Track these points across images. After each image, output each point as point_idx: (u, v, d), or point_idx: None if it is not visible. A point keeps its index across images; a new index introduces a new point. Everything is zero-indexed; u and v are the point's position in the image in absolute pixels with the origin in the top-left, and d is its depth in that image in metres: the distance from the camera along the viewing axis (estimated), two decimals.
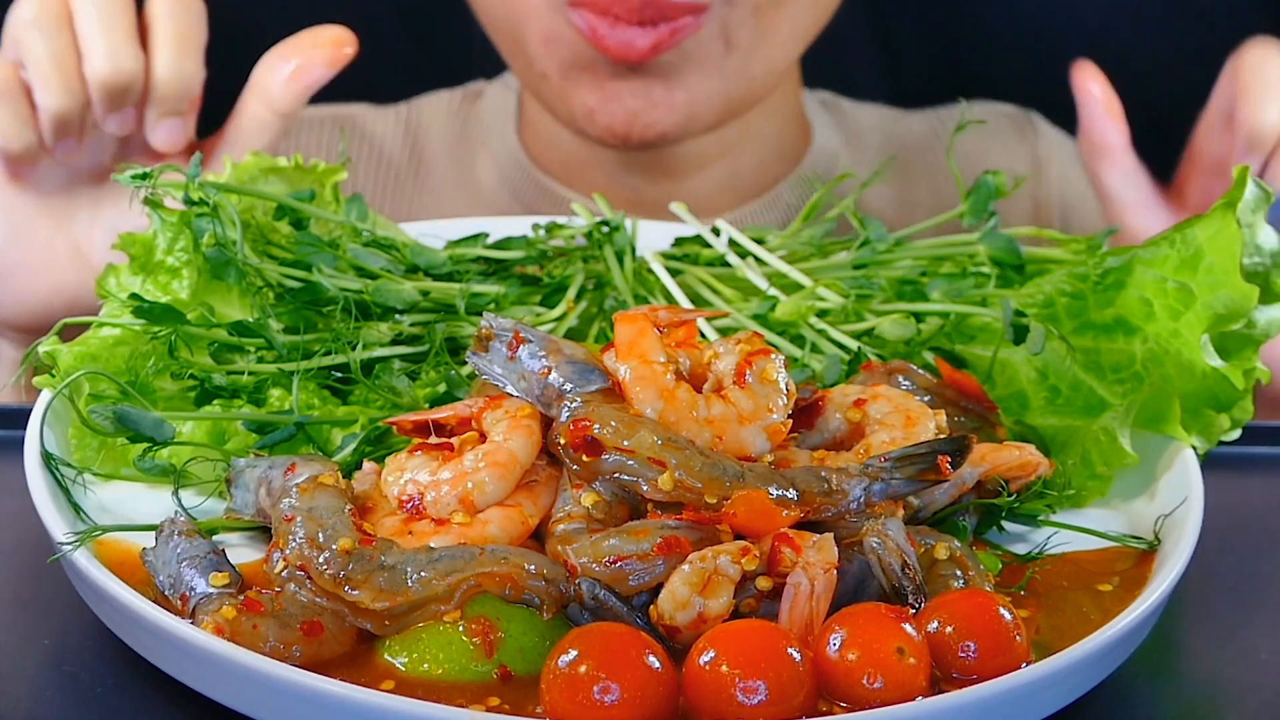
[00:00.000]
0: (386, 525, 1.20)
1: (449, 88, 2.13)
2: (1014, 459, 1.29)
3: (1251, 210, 1.33)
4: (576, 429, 1.20)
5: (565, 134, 1.96)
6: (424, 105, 2.12)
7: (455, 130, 2.09)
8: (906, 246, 1.55)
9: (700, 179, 1.98)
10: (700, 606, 1.13)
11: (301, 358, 1.36)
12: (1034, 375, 1.40)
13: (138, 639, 1.15)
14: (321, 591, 1.14)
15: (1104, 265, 1.39)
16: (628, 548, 1.15)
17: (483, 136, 2.06)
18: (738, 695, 1.07)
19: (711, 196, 1.98)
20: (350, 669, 1.12)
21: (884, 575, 1.16)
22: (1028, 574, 1.24)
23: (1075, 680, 1.13)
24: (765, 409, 1.23)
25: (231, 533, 1.25)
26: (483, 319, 1.27)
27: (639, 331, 1.25)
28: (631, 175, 1.97)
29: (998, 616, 1.13)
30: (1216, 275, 1.32)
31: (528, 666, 1.12)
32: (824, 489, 1.19)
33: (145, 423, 1.29)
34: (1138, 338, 1.36)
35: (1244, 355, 1.34)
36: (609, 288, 1.53)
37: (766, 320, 1.47)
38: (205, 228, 1.38)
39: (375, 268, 1.45)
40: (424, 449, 1.23)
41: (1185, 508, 1.26)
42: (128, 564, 1.19)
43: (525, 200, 2.00)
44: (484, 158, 2.05)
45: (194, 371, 1.34)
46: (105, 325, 1.34)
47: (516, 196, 2.01)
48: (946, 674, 1.12)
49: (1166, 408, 1.33)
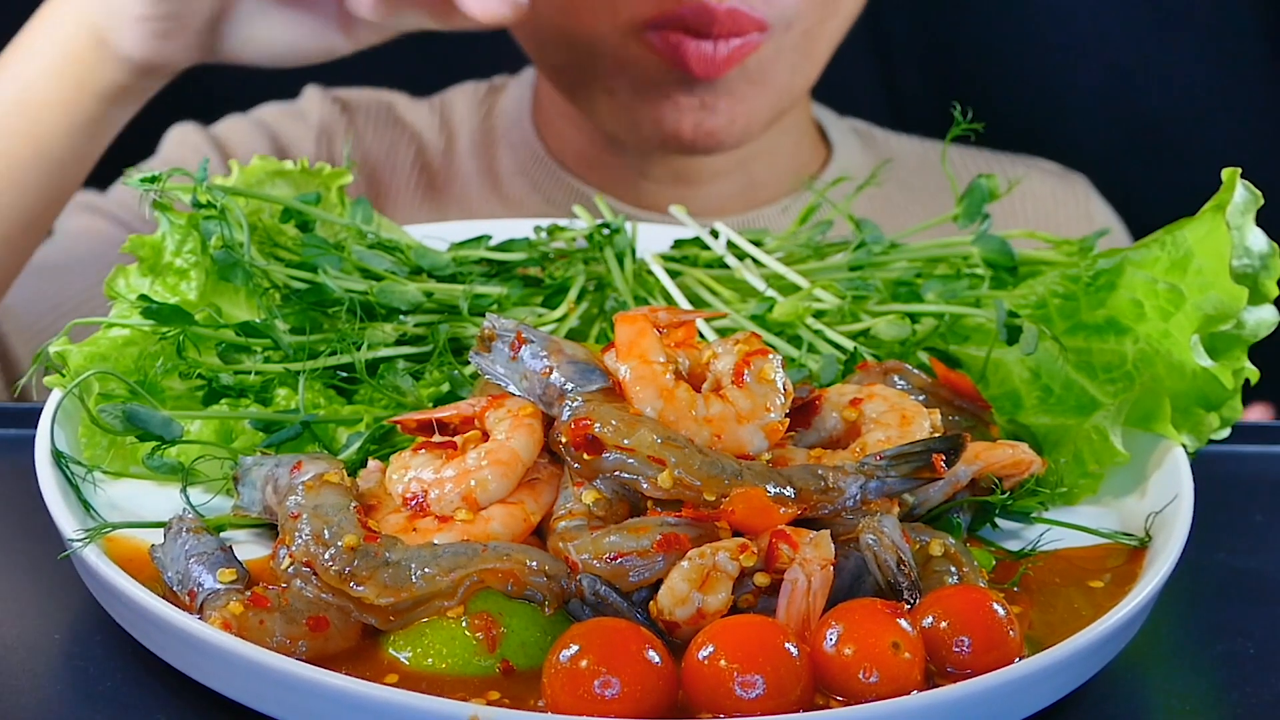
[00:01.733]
0: (391, 522, 1.20)
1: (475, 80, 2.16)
2: (1007, 457, 1.29)
3: (1240, 212, 1.33)
4: (578, 428, 1.20)
5: (581, 133, 2.00)
6: (453, 97, 2.15)
7: (478, 122, 2.11)
8: (901, 249, 1.55)
9: (715, 188, 2.01)
10: (699, 602, 1.14)
11: (307, 358, 1.37)
12: (1027, 375, 1.40)
13: (146, 634, 1.15)
14: (327, 587, 1.14)
15: (1095, 267, 1.39)
16: (628, 544, 1.16)
17: (503, 129, 2.09)
18: (736, 689, 1.07)
19: (724, 206, 2.01)
20: (355, 664, 1.12)
21: (879, 571, 1.17)
22: (1021, 570, 1.24)
23: (1067, 675, 1.13)
24: (763, 408, 1.23)
25: (238, 529, 1.25)
26: (485, 320, 1.27)
27: (639, 332, 1.25)
28: (648, 180, 2.00)
29: (991, 612, 1.13)
30: (1206, 277, 1.33)
31: (530, 661, 1.12)
32: (821, 487, 1.20)
33: (154, 421, 1.30)
34: (1129, 338, 1.37)
35: (1233, 355, 1.35)
36: (609, 289, 1.53)
37: (764, 321, 1.47)
38: (213, 230, 1.38)
39: (380, 269, 1.46)
40: (428, 447, 1.24)
41: (1175, 505, 1.27)
42: (137, 560, 1.19)
43: (544, 191, 2.03)
44: (504, 149, 2.07)
45: (202, 371, 1.35)
46: (114, 326, 1.35)
47: (535, 188, 2.03)
48: (941, 668, 1.12)
49: (1157, 407, 1.33)
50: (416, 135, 2.10)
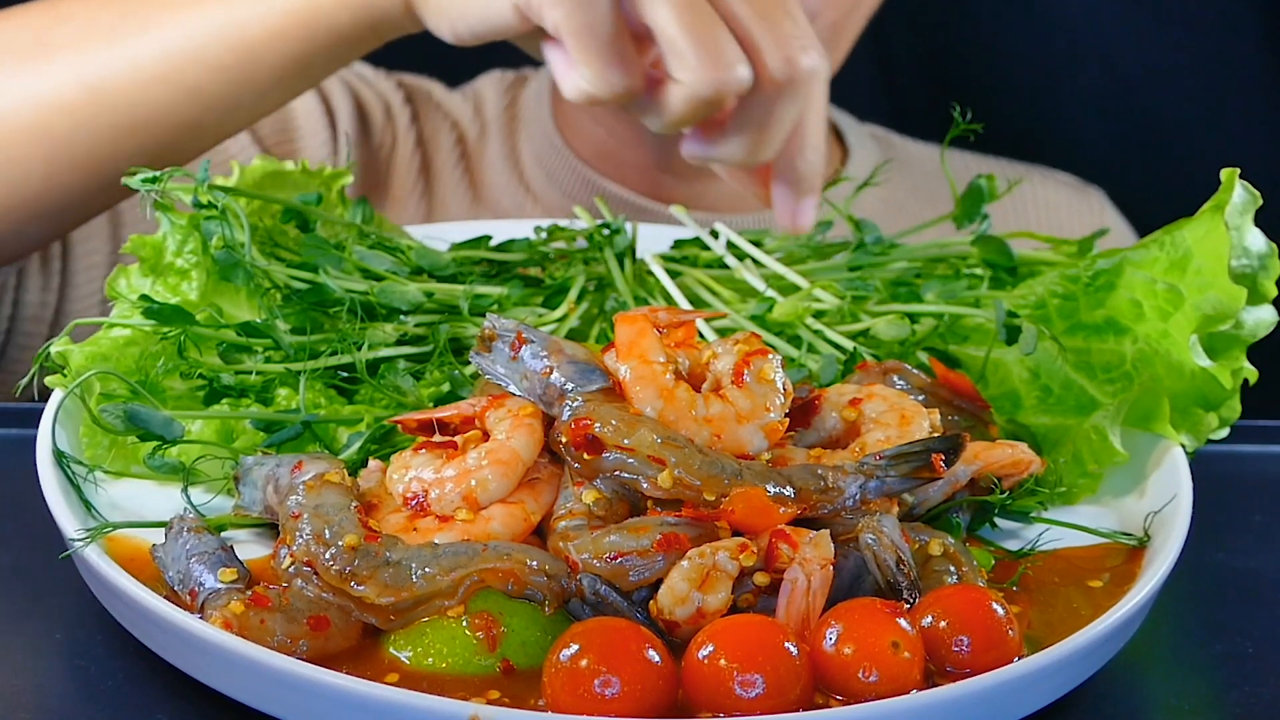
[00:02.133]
0: (391, 522, 1.20)
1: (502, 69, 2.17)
2: (1006, 457, 1.30)
3: (1239, 213, 1.33)
4: (578, 427, 1.20)
5: (600, 126, 2.00)
6: (482, 86, 2.16)
7: (502, 109, 2.12)
8: (901, 249, 1.55)
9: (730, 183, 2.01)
10: (699, 602, 1.14)
11: (308, 358, 1.37)
12: (1026, 375, 1.40)
13: (147, 633, 1.15)
14: (328, 587, 1.15)
15: (1095, 267, 1.39)
16: (628, 544, 1.16)
17: (524, 120, 2.09)
18: (736, 688, 1.07)
19: (738, 203, 2.01)
20: (356, 663, 1.12)
21: (879, 571, 1.17)
22: (1020, 570, 1.25)
23: (1066, 674, 1.14)
24: (763, 408, 1.23)
25: (239, 529, 1.26)
26: (486, 320, 1.27)
27: (639, 332, 1.25)
28: (663, 173, 2.00)
29: (990, 612, 1.13)
30: (1205, 277, 1.33)
31: (530, 660, 1.12)
32: (820, 486, 1.20)
33: (155, 421, 1.30)
34: (1128, 338, 1.37)
35: (1232, 355, 1.35)
36: (610, 289, 1.53)
37: (764, 321, 1.48)
38: (214, 230, 1.39)
39: (381, 269, 1.46)
40: (428, 447, 1.24)
41: (1174, 505, 1.27)
42: (138, 560, 1.19)
43: (560, 184, 2.03)
44: (524, 140, 2.08)
45: (203, 371, 1.35)
46: (116, 326, 1.35)
47: (551, 180, 2.04)
48: (940, 668, 1.12)
49: (1156, 407, 1.33)
50: (456, 123, 2.10)
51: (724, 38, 1.33)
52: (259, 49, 1.51)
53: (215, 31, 1.51)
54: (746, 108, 1.36)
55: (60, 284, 1.81)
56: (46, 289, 1.80)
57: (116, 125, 1.53)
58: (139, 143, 1.54)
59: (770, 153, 1.39)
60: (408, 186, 2.06)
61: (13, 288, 1.76)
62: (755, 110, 1.36)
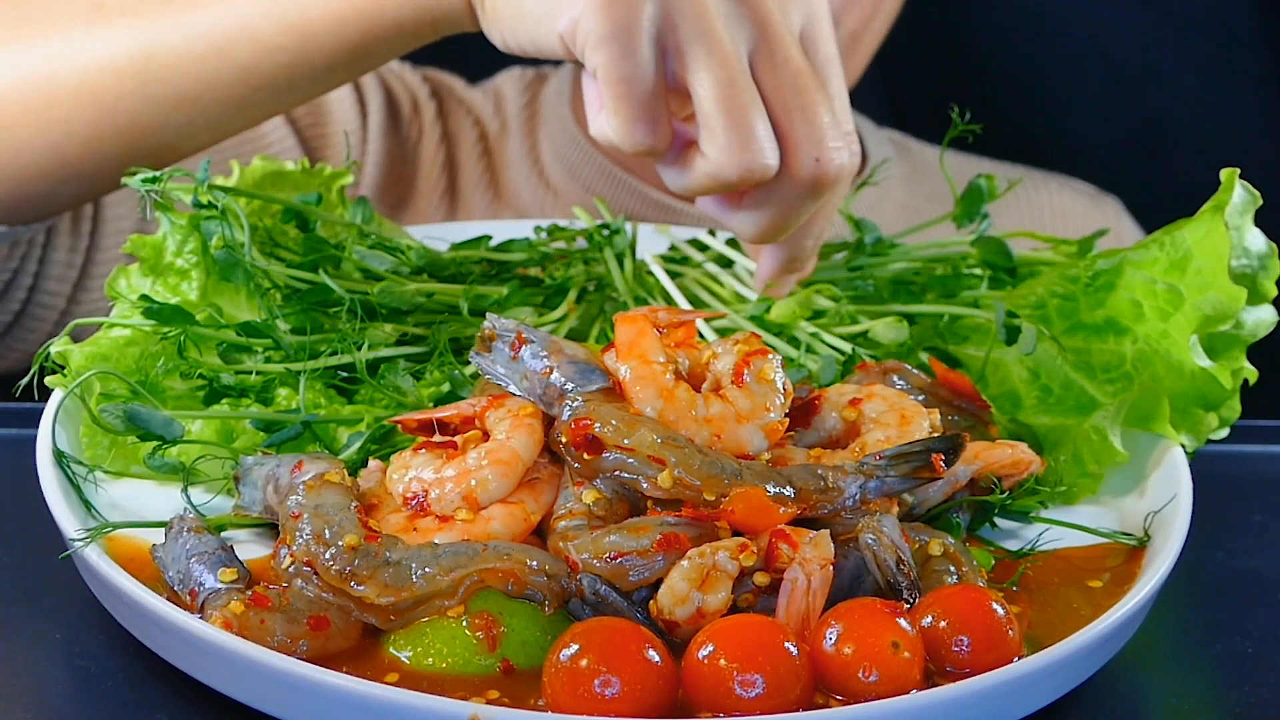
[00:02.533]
0: (391, 522, 1.20)
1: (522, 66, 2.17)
2: (1006, 457, 1.30)
3: (1239, 213, 1.33)
4: (578, 427, 1.20)
5: None
6: (501, 82, 2.16)
7: (523, 106, 2.12)
8: (900, 249, 1.55)
9: None
10: (699, 601, 1.14)
11: (308, 358, 1.37)
12: (1026, 375, 1.41)
13: (147, 633, 1.15)
14: (328, 587, 1.15)
15: (1094, 267, 1.39)
16: (628, 544, 1.16)
17: (544, 117, 2.09)
18: (736, 688, 1.07)
19: None
20: (356, 663, 1.12)
21: (879, 571, 1.17)
22: (1020, 570, 1.25)
23: (1066, 674, 1.14)
24: (763, 408, 1.23)
25: (239, 529, 1.26)
26: (486, 320, 1.27)
27: (639, 332, 1.26)
28: None
29: (990, 612, 1.13)
30: (1205, 277, 1.33)
31: (530, 660, 1.12)
32: (820, 486, 1.20)
33: (155, 421, 1.30)
34: (1128, 338, 1.37)
35: (1232, 355, 1.35)
36: (609, 289, 1.53)
37: (763, 321, 1.48)
38: (214, 230, 1.39)
39: (381, 269, 1.46)
40: (428, 447, 1.24)
41: (1174, 505, 1.27)
42: (138, 560, 1.20)
43: (582, 179, 2.03)
44: (545, 136, 2.08)
45: (203, 371, 1.35)
46: (116, 326, 1.35)
47: (573, 175, 2.04)
48: (940, 668, 1.13)
49: (1156, 407, 1.33)
50: (478, 119, 2.10)
51: (759, 122, 1.32)
52: (318, 34, 1.50)
53: (274, 13, 1.50)
54: (768, 192, 1.36)
55: (88, 246, 1.80)
56: (74, 250, 1.79)
57: (163, 96, 1.52)
58: (185, 116, 1.53)
59: (779, 239, 1.39)
60: (432, 179, 2.06)
61: (40, 245, 1.75)
62: (775, 198, 1.36)
